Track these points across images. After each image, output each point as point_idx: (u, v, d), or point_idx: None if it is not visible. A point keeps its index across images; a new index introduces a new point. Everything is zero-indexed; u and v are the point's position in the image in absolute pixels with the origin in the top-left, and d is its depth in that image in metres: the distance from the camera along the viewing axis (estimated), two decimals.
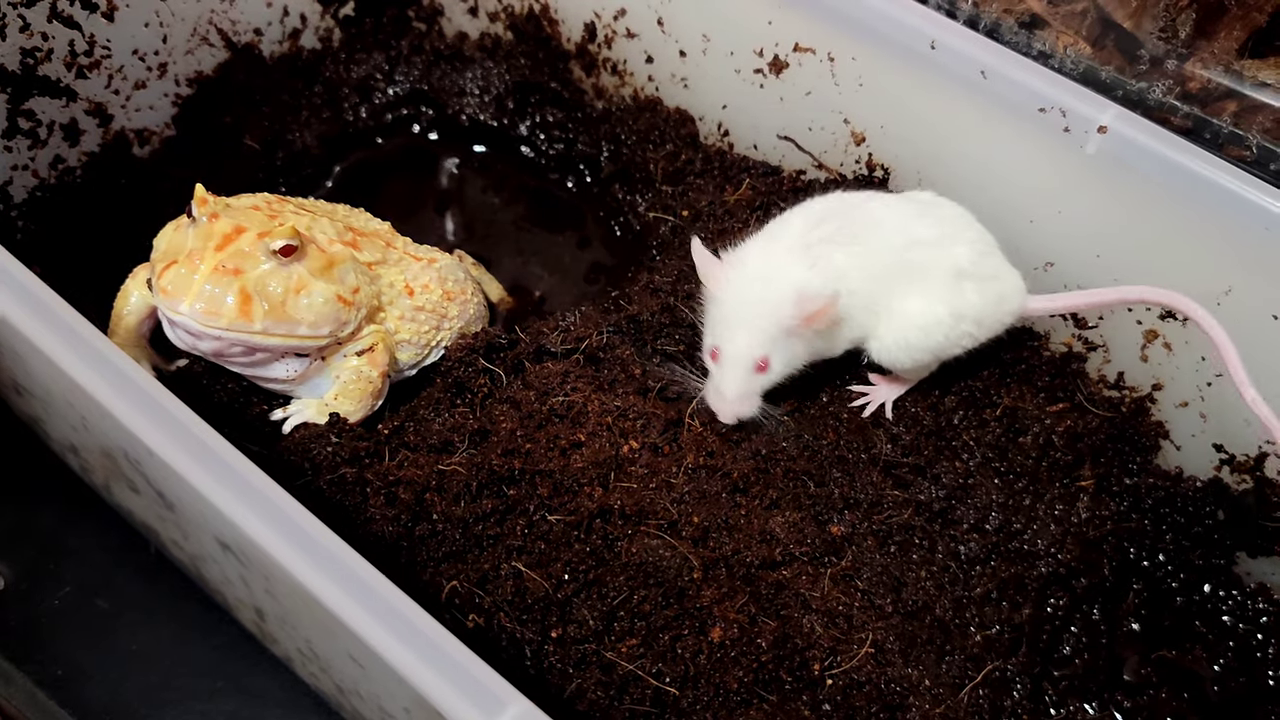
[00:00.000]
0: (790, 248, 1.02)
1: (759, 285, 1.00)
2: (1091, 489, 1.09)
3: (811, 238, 1.03)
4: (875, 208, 1.07)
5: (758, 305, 1.00)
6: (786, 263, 1.01)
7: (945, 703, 0.94)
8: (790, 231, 1.05)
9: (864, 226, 1.05)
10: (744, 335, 1.00)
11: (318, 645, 0.87)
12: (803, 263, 1.01)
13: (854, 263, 1.03)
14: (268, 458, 0.97)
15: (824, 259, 1.02)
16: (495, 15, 1.48)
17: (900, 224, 1.06)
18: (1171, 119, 1.25)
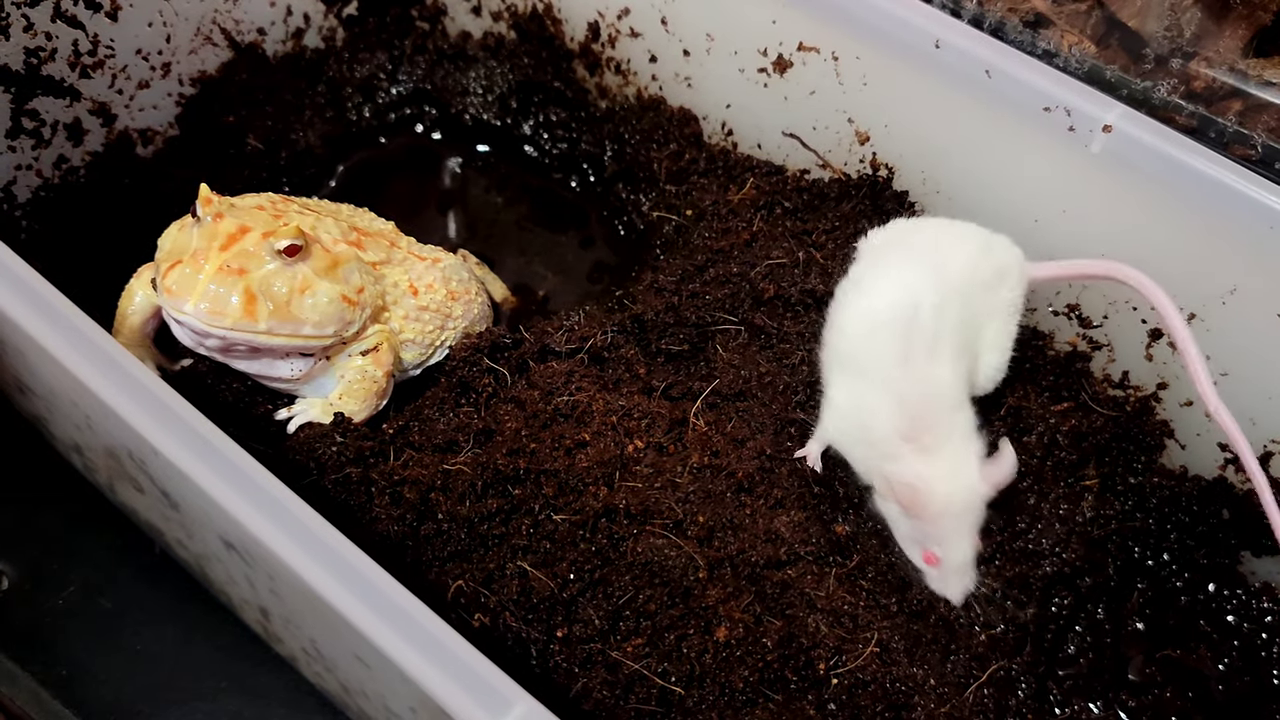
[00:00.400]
0: (958, 437, 0.98)
1: (962, 493, 0.97)
2: (1096, 488, 1.09)
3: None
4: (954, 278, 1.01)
5: (968, 512, 0.97)
6: (968, 455, 0.98)
7: (950, 702, 0.94)
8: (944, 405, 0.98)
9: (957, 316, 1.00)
10: (963, 540, 0.98)
11: (323, 645, 0.87)
12: (954, 441, 0.97)
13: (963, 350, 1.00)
14: (273, 457, 0.97)
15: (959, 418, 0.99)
16: (498, 14, 1.48)
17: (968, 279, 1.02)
18: (1176, 118, 1.25)
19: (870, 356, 0.98)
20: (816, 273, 1.16)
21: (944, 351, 0.97)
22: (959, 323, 0.98)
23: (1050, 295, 1.18)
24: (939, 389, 0.97)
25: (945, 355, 0.97)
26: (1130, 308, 1.13)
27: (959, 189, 1.20)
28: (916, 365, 0.96)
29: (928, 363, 0.96)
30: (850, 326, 1.00)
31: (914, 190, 1.23)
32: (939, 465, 0.95)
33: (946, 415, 0.97)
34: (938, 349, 0.96)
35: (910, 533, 0.99)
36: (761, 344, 1.13)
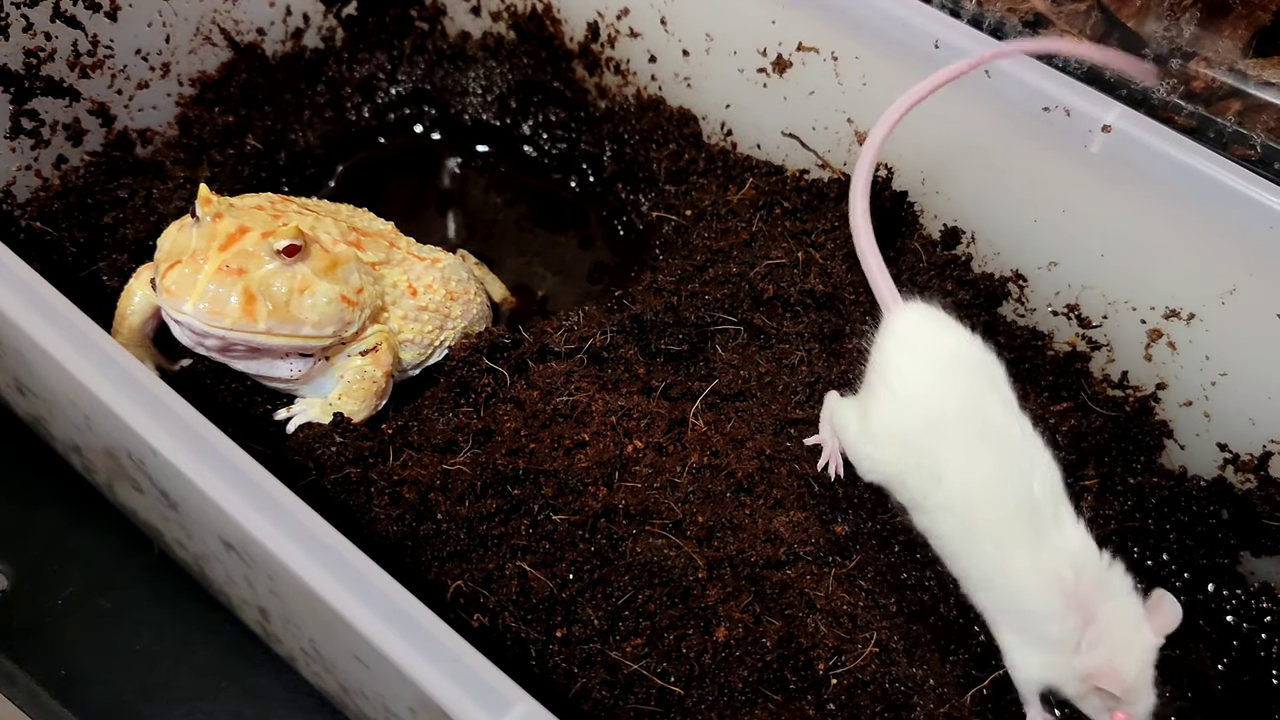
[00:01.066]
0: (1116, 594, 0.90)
1: (1146, 654, 0.88)
2: (1095, 488, 1.09)
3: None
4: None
5: (1150, 667, 0.88)
6: (1134, 611, 0.89)
7: (950, 702, 0.94)
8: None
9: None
10: (1149, 692, 0.88)
11: (322, 645, 0.87)
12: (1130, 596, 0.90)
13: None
14: (272, 457, 0.97)
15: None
16: (498, 14, 1.48)
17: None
18: (1176, 118, 1.25)
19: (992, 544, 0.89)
20: (816, 273, 1.16)
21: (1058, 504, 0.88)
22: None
23: (1050, 296, 1.18)
24: (1076, 549, 0.89)
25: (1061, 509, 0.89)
26: (1130, 308, 1.13)
27: (958, 189, 1.20)
28: (1046, 537, 0.87)
29: (1054, 527, 0.88)
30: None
31: (913, 190, 1.23)
32: (1117, 635, 0.87)
33: (1098, 574, 0.89)
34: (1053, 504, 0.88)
35: (1101, 703, 0.89)
36: (761, 344, 1.13)
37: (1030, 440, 0.90)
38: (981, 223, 1.20)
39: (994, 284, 1.21)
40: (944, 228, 1.23)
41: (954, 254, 1.22)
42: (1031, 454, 0.89)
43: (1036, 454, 0.90)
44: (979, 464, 0.89)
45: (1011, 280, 1.20)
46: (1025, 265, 1.19)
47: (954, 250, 1.22)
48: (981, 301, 1.20)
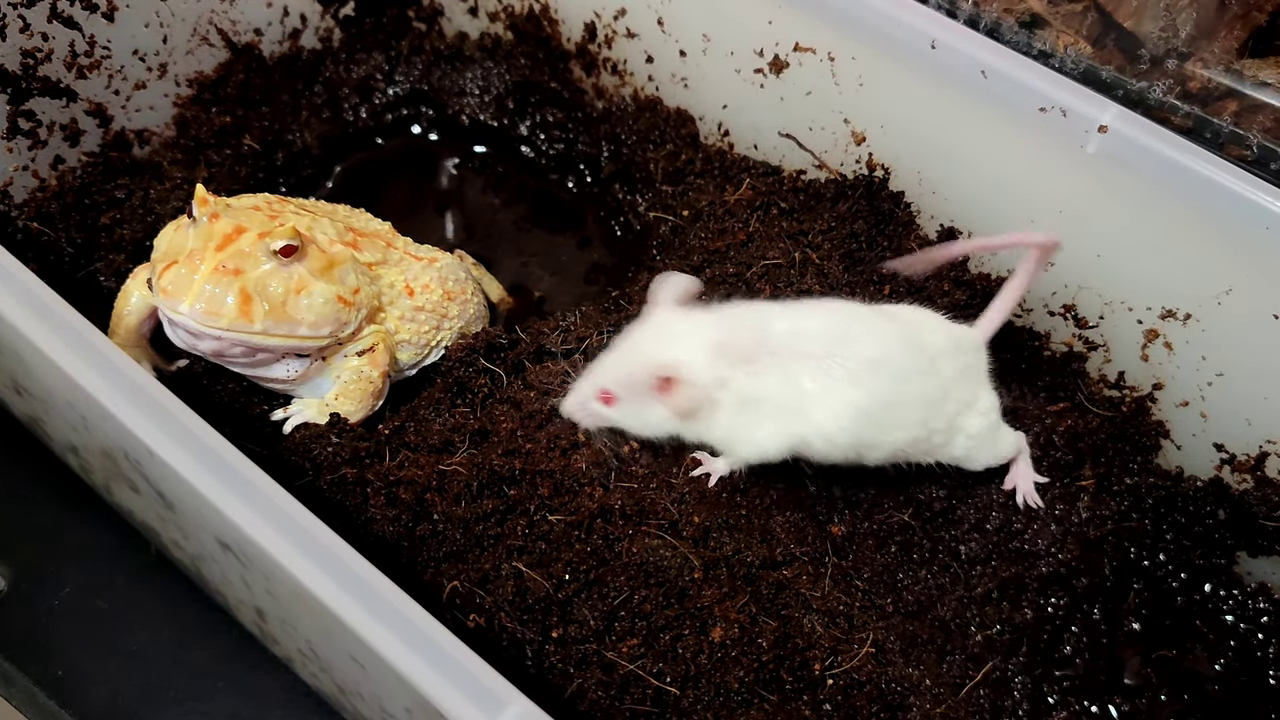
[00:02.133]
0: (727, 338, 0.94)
1: (657, 336, 0.95)
2: (1092, 489, 1.09)
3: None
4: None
5: (640, 353, 0.95)
6: (699, 337, 0.94)
7: (946, 702, 0.94)
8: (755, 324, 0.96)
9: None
10: (614, 365, 0.95)
11: (319, 645, 0.87)
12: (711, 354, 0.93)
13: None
14: (268, 458, 0.97)
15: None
16: (495, 15, 1.48)
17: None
18: (1172, 118, 1.25)
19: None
20: (812, 273, 1.16)
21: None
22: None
23: (1047, 296, 1.18)
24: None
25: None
26: (1126, 309, 1.13)
27: (955, 189, 1.20)
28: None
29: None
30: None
31: (910, 191, 1.23)
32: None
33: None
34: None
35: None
36: None
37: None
38: (978, 223, 1.20)
39: (991, 284, 1.21)
40: (941, 228, 1.23)
41: None
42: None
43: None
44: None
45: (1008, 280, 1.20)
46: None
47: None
48: (979, 302, 1.20)
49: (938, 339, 1.00)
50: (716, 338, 0.93)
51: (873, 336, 0.96)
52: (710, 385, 0.92)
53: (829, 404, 0.93)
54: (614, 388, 0.95)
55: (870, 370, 0.93)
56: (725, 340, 0.93)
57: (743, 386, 0.93)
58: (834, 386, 0.93)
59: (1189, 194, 1.02)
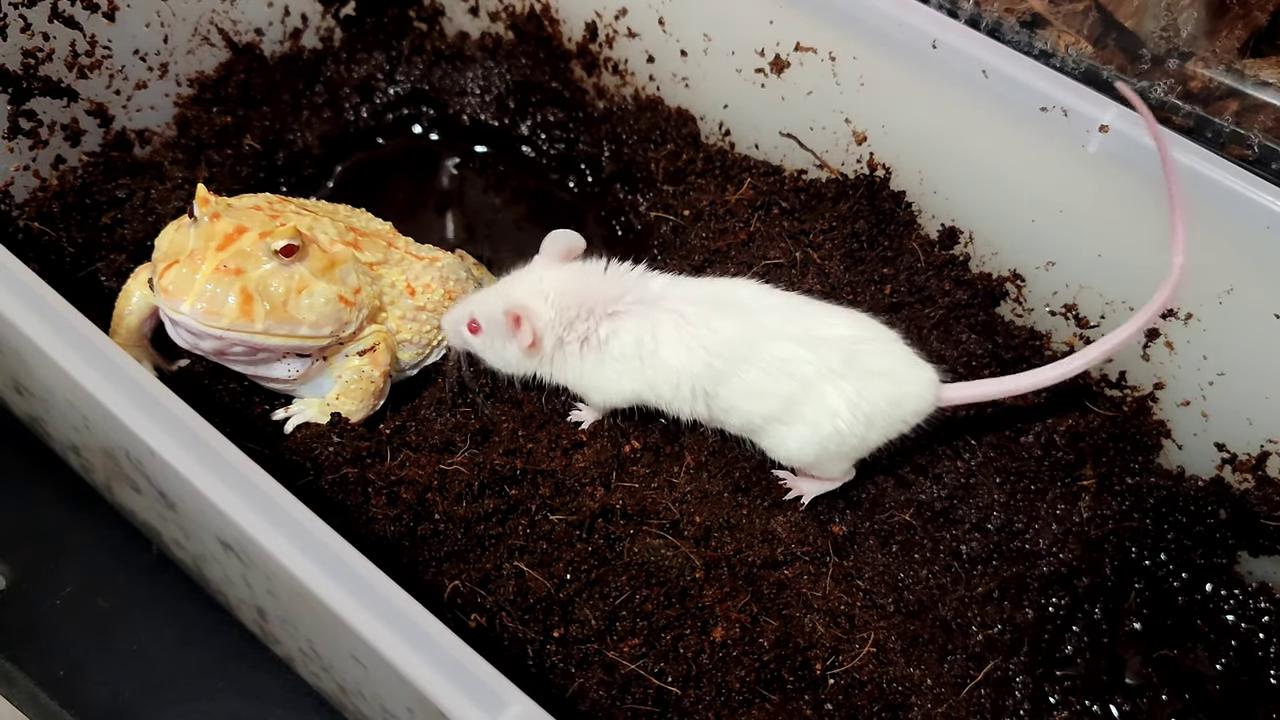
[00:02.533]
0: (592, 288, 1.00)
1: (524, 281, 1.02)
2: (1093, 488, 1.09)
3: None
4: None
5: (502, 292, 1.01)
6: (558, 285, 1.00)
7: (947, 702, 0.94)
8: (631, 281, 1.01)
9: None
10: (480, 299, 1.03)
11: (320, 645, 0.87)
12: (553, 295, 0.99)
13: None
14: (270, 457, 0.97)
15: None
16: (496, 15, 1.48)
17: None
18: (1173, 118, 1.25)
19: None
20: (814, 273, 1.16)
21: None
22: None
23: (1048, 295, 1.18)
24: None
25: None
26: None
27: (955, 189, 1.20)
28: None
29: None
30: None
31: (911, 190, 1.23)
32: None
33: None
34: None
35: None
36: None
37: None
38: (979, 222, 1.20)
39: (992, 284, 1.21)
40: (942, 227, 1.23)
41: (952, 253, 1.22)
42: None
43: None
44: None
45: (1009, 280, 1.20)
46: (1023, 265, 1.19)
47: (952, 250, 1.23)
48: (979, 301, 1.20)
49: (841, 349, 0.96)
50: (572, 286, 1.00)
51: (745, 315, 0.98)
52: (552, 327, 0.99)
53: (671, 356, 0.97)
54: (479, 319, 1.02)
55: (721, 340, 0.96)
56: (577, 289, 1.00)
57: (593, 333, 0.99)
58: (681, 341, 0.97)
59: (1190, 194, 1.02)
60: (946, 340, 1.16)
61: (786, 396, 0.96)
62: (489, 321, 1.01)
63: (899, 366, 0.98)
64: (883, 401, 0.96)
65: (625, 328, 0.98)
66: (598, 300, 0.99)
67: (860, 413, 0.95)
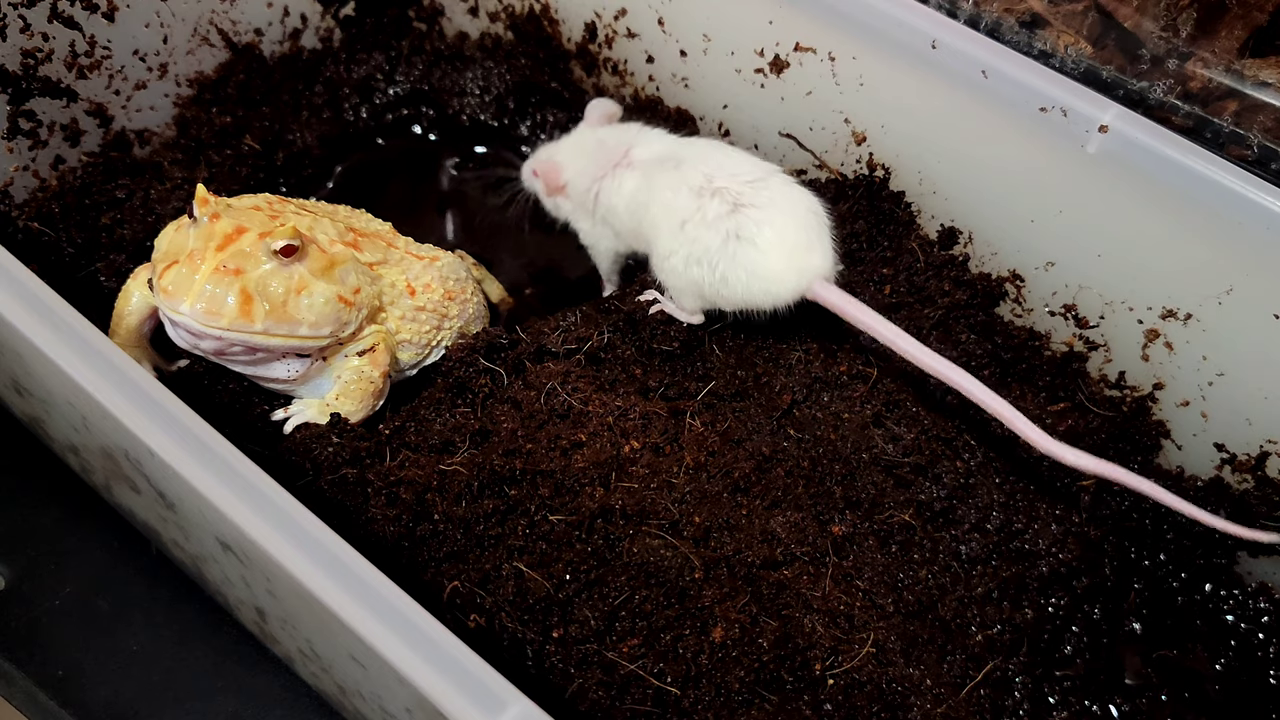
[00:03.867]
0: (618, 149, 1.17)
1: (565, 140, 1.25)
2: (1092, 488, 1.09)
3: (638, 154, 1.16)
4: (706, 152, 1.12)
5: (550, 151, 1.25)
6: (598, 146, 1.19)
7: (947, 702, 0.94)
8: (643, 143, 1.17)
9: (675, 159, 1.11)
10: (540, 157, 1.25)
11: (319, 645, 0.87)
12: (600, 156, 1.18)
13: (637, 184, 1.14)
14: (269, 458, 0.97)
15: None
16: (496, 15, 1.48)
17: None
18: (1172, 118, 1.25)
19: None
20: None
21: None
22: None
23: (1047, 296, 1.18)
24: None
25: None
26: (1127, 308, 1.13)
27: (955, 189, 1.20)
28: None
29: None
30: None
31: (910, 190, 1.23)
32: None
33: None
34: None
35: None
36: (758, 344, 1.13)
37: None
38: (979, 223, 1.20)
39: (991, 284, 1.21)
40: (941, 228, 1.23)
41: (951, 254, 1.22)
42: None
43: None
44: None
45: (1009, 280, 1.21)
46: (1023, 265, 1.19)
47: (951, 250, 1.23)
48: (979, 301, 1.20)
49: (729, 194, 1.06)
50: (590, 146, 1.21)
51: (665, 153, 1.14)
52: (577, 180, 1.21)
53: (618, 202, 1.17)
54: (538, 169, 1.25)
55: (649, 174, 1.13)
56: (592, 149, 1.20)
57: (598, 191, 1.19)
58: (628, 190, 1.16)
59: (1189, 194, 1.02)
60: (946, 340, 1.16)
61: (669, 230, 1.08)
62: (543, 173, 1.24)
63: (776, 242, 1.03)
64: (741, 269, 1.03)
65: (606, 186, 1.18)
66: (602, 160, 1.18)
67: (715, 268, 1.04)
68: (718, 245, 1.03)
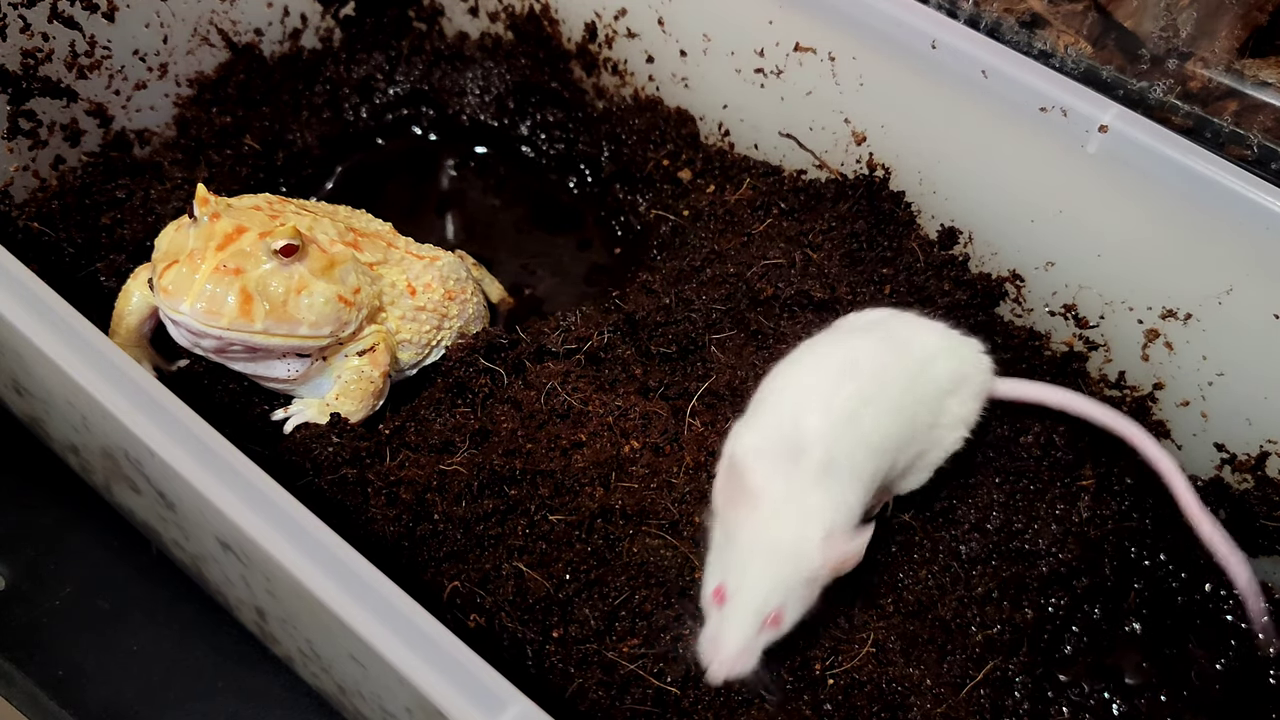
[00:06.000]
0: (813, 466, 0.86)
1: (781, 522, 0.83)
2: (1092, 488, 1.09)
3: (833, 446, 0.87)
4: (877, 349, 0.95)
5: (779, 548, 0.82)
6: (811, 490, 0.85)
7: (946, 702, 0.94)
8: (812, 434, 0.87)
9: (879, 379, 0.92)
10: (761, 580, 0.82)
11: (319, 645, 0.87)
12: (826, 487, 0.85)
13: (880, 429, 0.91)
14: (269, 458, 0.97)
15: (846, 471, 0.87)
16: (495, 15, 1.48)
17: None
18: (1172, 118, 1.25)
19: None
20: (813, 273, 1.16)
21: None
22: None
23: (1047, 296, 1.18)
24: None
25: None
26: (1127, 308, 1.13)
27: (955, 189, 1.20)
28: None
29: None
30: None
31: (910, 190, 1.23)
32: (784, 487, 0.84)
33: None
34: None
35: (719, 557, 0.85)
36: (758, 344, 1.13)
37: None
38: (979, 223, 1.20)
39: (991, 284, 1.21)
40: (941, 228, 1.23)
41: (951, 254, 1.22)
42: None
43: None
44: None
45: (1009, 280, 1.20)
46: (1023, 265, 1.19)
47: (951, 250, 1.23)
48: (979, 301, 1.20)
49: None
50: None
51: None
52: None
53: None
54: (785, 599, 0.84)
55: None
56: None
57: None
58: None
59: (1189, 194, 1.02)
60: None
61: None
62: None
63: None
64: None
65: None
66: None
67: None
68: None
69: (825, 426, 0.87)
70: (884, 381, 0.92)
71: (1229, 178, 1.00)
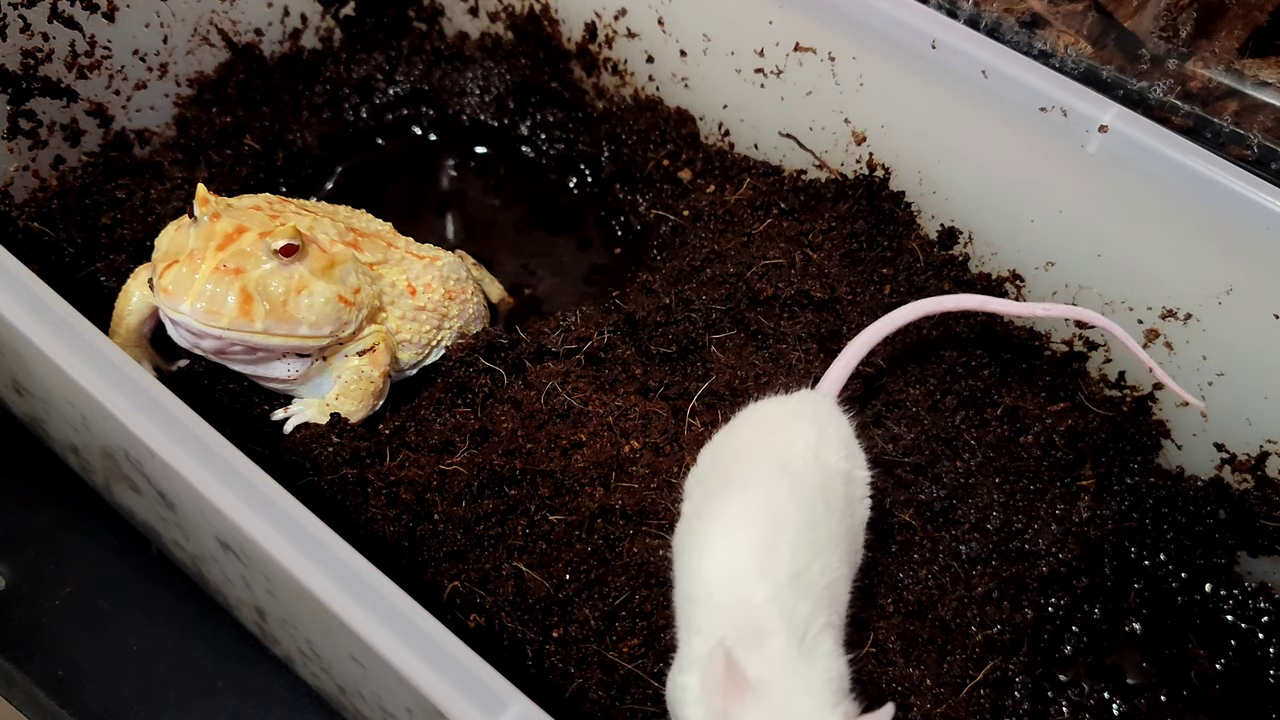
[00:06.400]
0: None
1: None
2: (1092, 488, 1.09)
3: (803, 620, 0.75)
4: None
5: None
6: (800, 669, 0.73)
7: (947, 702, 0.94)
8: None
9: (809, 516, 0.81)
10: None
11: (319, 645, 0.87)
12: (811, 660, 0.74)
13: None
14: (269, 458, 0.97)
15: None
16: (495, 15, 1.48)
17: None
18: (1172, 118, 1.25)
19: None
20: (813, 273, 1.16)
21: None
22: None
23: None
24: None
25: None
26: (1127, 308, 1.13)
27: (955, 189, 1.20)
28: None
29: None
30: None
31: (910, 190, 1.23)
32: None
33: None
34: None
35: None
36: (758, 344, 1.13)
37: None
38: (979, 223, 1.20)
39: (991, 284, 1.21)
40: (941, 228, 1.23)
41: (951, 254, 1.22)
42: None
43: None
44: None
45: (1009, 280, 1.20)
46: (1023, 265, 1.19)
47: (951, 250, 1.23)
48: None
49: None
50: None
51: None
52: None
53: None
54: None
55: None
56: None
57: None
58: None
59: (1189, 194, 1.02)
60: (946, 339, 1.16)
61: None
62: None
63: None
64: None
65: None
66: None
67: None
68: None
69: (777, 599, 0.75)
70: (810, 519, 0.81)
71: (1229, 178, 1.00)
